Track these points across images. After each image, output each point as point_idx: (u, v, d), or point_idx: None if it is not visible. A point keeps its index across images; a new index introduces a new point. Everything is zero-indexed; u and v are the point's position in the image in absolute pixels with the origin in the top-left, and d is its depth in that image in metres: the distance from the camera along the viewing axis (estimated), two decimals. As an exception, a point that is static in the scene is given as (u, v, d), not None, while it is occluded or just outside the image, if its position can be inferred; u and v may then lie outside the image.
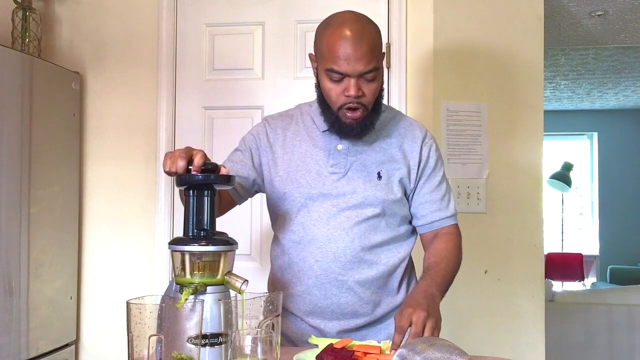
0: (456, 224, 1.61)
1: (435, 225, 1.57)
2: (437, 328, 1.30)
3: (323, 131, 1.54)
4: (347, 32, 1.39)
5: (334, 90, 1.44)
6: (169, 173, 1.24)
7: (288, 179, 1.53)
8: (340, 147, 1.53)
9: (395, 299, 1.54)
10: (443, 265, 1.49)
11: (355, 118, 1.45)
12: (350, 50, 1.38)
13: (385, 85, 2.48)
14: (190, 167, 1.22)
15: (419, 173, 1.56)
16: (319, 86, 1.49)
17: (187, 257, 1.17)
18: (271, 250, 1.63)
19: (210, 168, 1.23)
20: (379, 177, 1.51)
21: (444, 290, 1.45)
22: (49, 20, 2.72)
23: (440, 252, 1.53)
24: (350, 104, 1.43)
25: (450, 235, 1.58)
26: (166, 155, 1.26)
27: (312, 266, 1.49)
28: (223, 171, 1.24)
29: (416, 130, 1.58)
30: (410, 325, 1.27)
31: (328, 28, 1.44)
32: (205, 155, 1.23)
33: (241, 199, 1.62)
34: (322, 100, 1.50)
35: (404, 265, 1.55)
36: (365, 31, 1.41)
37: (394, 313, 1.50)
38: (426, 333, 1.26)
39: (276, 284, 1.57)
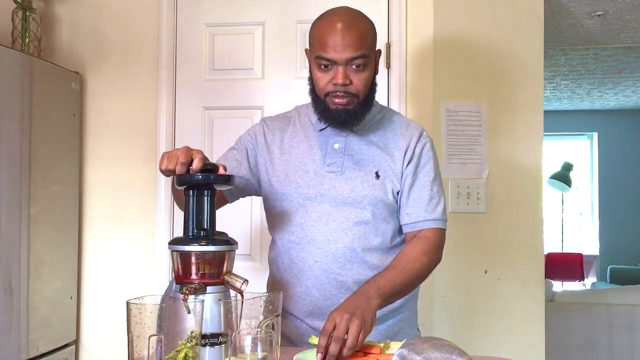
0: (440, 229, 1.53)
1: (418, 225, 1.51)
2: (362, 331, 1.24)
3: (320, 130, 1.55)
4: (337, 21, 1.43)
5: (322, 79, 1.46)
6: (165, 171, 1.24)
7: (286, 179, 1.53)
8: (336, 146, 1.53)
9: (395, 300, 1.53)
10: (397, 270, 1.43)
11: (342, 104, 1.45)
12: (338, 38, 1.41)
13: (385, 85, 2.51)
14: (191, 167, 1.22)
15: (410, 170, 1.52)
16: (311, 79, 1.51)
17: (187, 257, 1.17)
18: (269, 253, 1.63)
19: (209, 169, 1.23)
20: (377, 176, 1.51)
21: (387, 294, 1.37)
22: (49, 20, 2.72)
23: (401, 256, 1.48)
24: (337, 92, 1.44)
25: (425, 239, 1.50)
26: (163, 154, 1.26)
27: (311, 267, 1.49)
28: (221, 172, 1.25)
29: (412, 129, 1.57)
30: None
31: (320, 19, 1.48)
32: (204, 157, 1.22)
33: (233, 198, 1.62)
34: (313, 91, 1.51)
35: None
36: (356, 22, 1.44)
37: (391, 312, 1.51)
38: (350, 337, 1.22)
39: (275, 286, 1.56)
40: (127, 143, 2.68)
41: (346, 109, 1.46)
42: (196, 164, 1.21)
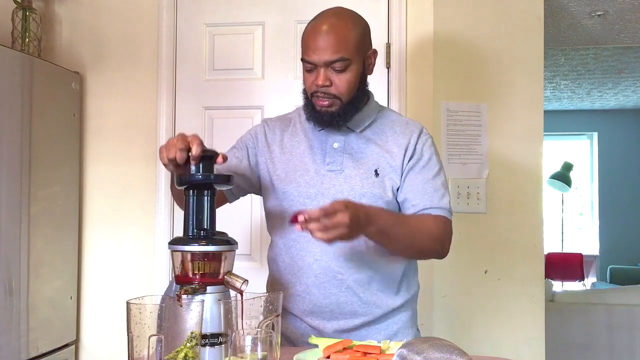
0: (448, 219, 1.51)
1: (425, 212, 1.49)
2: (338, 237, 1.26)
3: (319, 130, 1.56)
4: (320, 24, 1.46)
5: (307, 80, 1.50)
6: (167, 163, 1.25)
7: (287, 178, 1.54)
8: (336, 145, 1.54)
9: (394, 300, 1.53)
10: (409, 226, 1.45)
11: (324, 106, 1.48)
12: (318, 40, 1.44)
13: (385, 85, 2.51)
14: (190, 153, 1.23)
15: (412, 166, 1.52)
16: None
17: (187, 257, 1.17)
18: (269, 253, 1.63)
19: (209, 155, 1.23)
20: (377, 174, 1.51)
21: (381, 234, 1.39)
22: (49, 20, 2.72)
23: (421, 218, 1.48)
24: (319, 93, 1.47)
25: (439, 218, 1.49)
26: (161, 148, 1.28)
27: (311, 265, 1.49)
28: (220, 160, 1.25)
29: (412, 127, 1.58)
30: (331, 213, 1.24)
31: (310, 22, 1.50)
32: (201, 142, 1.23)
33: (233, 197, 1.63)
34: (305, 91, 1.55)
35: (405, 267, 1.55)
36: (339, 24, 1.46)
37: (391, 312, 1.51)
38: (328, 234, 1.24)
39: (275, 285, 1.57)
40: (127, 143, 2.68)
41: (328, 112, 1.49)
42: (195, 150, 1.22)
